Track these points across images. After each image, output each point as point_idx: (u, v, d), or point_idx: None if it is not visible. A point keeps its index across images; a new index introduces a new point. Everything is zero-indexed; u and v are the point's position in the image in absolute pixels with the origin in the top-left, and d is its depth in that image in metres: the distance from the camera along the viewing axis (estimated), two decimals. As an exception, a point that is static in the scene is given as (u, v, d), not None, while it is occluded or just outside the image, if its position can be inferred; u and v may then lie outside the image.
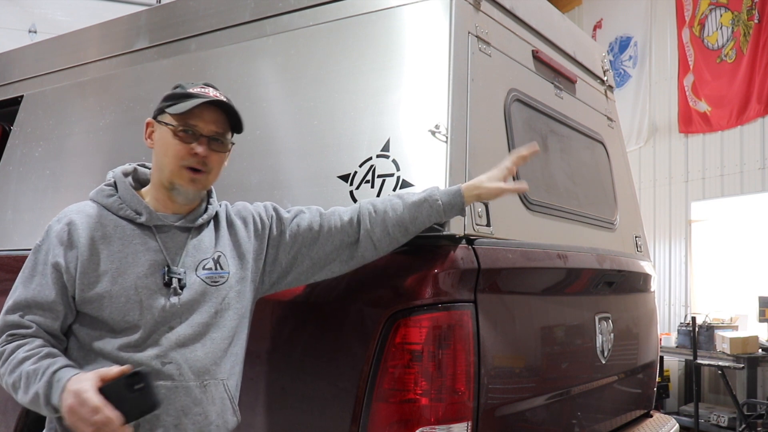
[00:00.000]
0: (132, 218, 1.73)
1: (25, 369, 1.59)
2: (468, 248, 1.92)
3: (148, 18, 2.76)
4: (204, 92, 1.74)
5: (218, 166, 1.78)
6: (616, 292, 2.85)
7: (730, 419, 6.21)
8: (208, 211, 1.82)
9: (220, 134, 1.76)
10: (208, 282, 1.73)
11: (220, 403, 1.72)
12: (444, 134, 1.95)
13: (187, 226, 1.77)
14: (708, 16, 7.47)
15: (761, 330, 6.47)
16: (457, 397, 1.85)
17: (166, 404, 1.63)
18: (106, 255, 1.68)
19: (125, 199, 1.76)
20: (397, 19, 2.15)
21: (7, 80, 3.27)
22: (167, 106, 1.74)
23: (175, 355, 1.65)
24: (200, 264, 1.75)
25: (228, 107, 1.76)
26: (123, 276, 1.67)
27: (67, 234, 1.70)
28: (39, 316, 1.67)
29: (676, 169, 7.79)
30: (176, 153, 1.71)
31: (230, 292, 1.76)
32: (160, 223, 1.74)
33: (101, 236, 1.70)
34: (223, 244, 1.81)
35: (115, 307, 1.65)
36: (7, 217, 2.91)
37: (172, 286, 1.68)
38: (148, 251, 1.71)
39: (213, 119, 1.74)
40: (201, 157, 1.71)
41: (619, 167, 3.24)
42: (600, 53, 3.31)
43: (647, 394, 3.24)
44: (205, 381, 1.69)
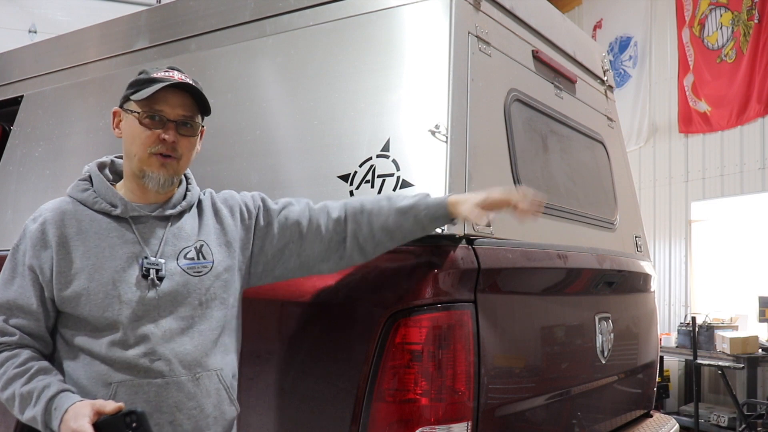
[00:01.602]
0: (107, 211, 1.70)
1: (18, 390, 1.59)
2: (468, 248, 1.92)
3: (148, 18, 2.76)
4: (168, 76, 1.70)
5: (189, 151, 1.74)
6: (616, 292, 2.85)
7: (730, 419, 6.21)
8: (187, 198, 1.79)
9: (188, 117, 1.71)
10: (190, 272, 1.69)
11: (216, 394, 1.69)
12: (444, 134, 1.95)
13: (165, 214, 1.73)
14: (708, 16, 7.46)
15: (761, 330, 6.47)
16: (457, 397, 1.85)
17: (159, 402, 1.61)
18: (82, 252, 1.65)
19: (100, 193, 1.73)
20: (397, 19, 2.15)
21: (7, 80, 3.27)
22: (132, 93, 1.71)
23: (163, 351, 1.62)
24: (181, 253, 1.71)
25: (194, 90, 1.71)
26: (100, 271, 1.64)
27: (42, 233, 1.67)
28: (22, 319, 1.65)
29: (676, 169, 7.79)
30: (144, 140, 1.68)
31: (216, 281, 1.73)
32: (135, 213, 1.70)
33: (76, 233, 1.67)
34: (207, 233, 1.77)
35: (94, 304, 1.62)
36: (7, 217, 2.91)
37: (150, 277, 1.64)
38: (125, 244, 1.67)
39: (179, 103, 1.70)
40: (169, 142, 1.68)
41: (619, 167, 3.24)
42: (600, 53, 3.31)
43: (647, 394, 3.24)
44: (197, 374, 1.66)
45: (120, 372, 1.61)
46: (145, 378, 1.61)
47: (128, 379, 1.60)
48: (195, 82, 1.74)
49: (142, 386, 1.61)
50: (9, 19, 8.36)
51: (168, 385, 1.63)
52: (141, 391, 1.60)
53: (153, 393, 1.61)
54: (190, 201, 1.80)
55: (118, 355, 1.61)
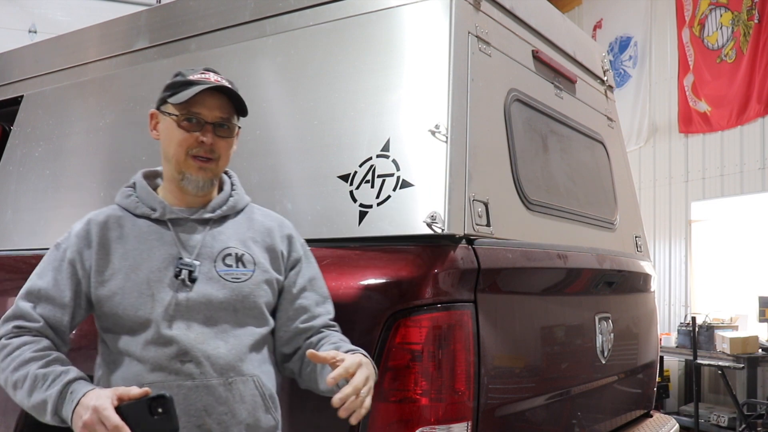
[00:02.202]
0: (147, 215, 1.73)
1: (33, 371, 1.55)
2: (468, 248, 1.92)
3: (148, 18, 2.76)
4: (205, 78, 1.71)
5: (226, 152, 1.75)
6: (616, 292, 2.85)
7: (730, 419, 6.21)
8: (229, 203, 1.79)
9: (225, 119, 1.73)
10: (227, 278, 1.69)
11: (251, 400, 1.66)
12: (444, 134, 1.95)
13: (204, 217, 1.74)
14: (708, 16, 7.46)
15: (761, 330, 6.46)
16: (457, 397, 1.85)
17: (187, 405, 1.59)
18: (122, 253, 1.69)
19: (141, 197, 1.76)
20: (397, 19, 2.15)
21: (7, 80, 3.26)
22: (169, 95, 1.72)
23: (195, 353, 1.62)
24: (219, 257, 1.71)
25: (231, 92, 1.73)
26: (136, 271, 1.66)
27: (86, 233, 1.72)
28: (48, 309, 1.67)
29: (676, 169, 7.79)
30: (182, 143, 1.70)
31: (255, 290, 1.71)
32: (174, 216, 1.73)
33: (118, 236, 1.71)
34: (252, 243, 1.76)
35: (129, 303, 1.64)
36: (7, 217, 2.91)
37: (181, 278, 1.65)
38: (163, 245, 1.69)
39: (217, 105, 1.71)
40: (207, 145, 1.69)
41: (619, 167, 3.24)
42: (600, 53, 3.31)
43: (647, 394, 3.24)
44: (230, 378, 1.63)
45: (153, 373, 1.61)
46: (176, 380, 1.61)
47: (160, 381, 1.60)
48: (231, 83, 1.75)
49: (172, 388, 1.59)
50: (9, 19, 8.36)
51: (197, 387, 1.61)
52: (171, 393, 1.57)
53: (182, 395, 1.59)
54: (234, 207, 1.80)
55: (151, 354, 1.62)
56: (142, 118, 2.59)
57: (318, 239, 2.03)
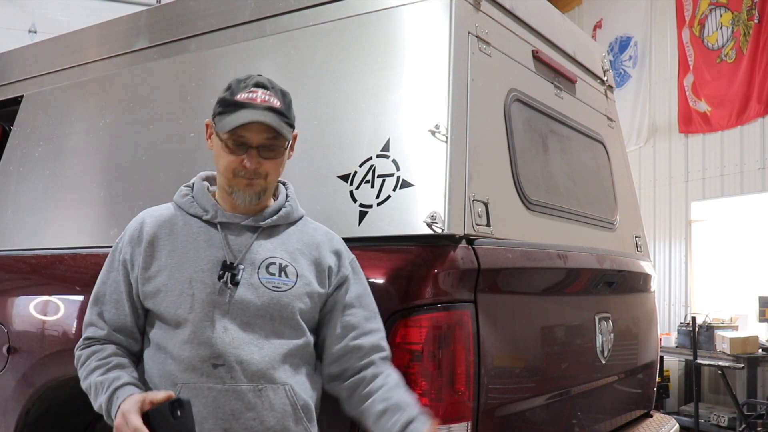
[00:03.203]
0: (200, 215, 1.76)
1: (94, 380, 1.67)
2: (468, 248, 1.92)
3: (148, 18, 2.76)
4: (252, 99, 1.68)
5: (275, 169, 1.74)
6: (616, 292, 2.85)
7: (730, 419, 6.21)
8: (281, 213, 1.79)
9: (271, 140, 1.70)
10: (268, 286, 1.69)
11: (281, 409, 1.65)
12: (444, 134, 1.95)
13: (255, 225, 1.75)
14: (708, 16, 7.46)
15: (761, 330, 6.46)
16: (457, 397, 1.85)
17: (215, 407, 1.61)
18: (169, 250, 1.71)
19: (197, 198, 1.79)
20: (397, 19, 2.15)
21: (7, 80, 3.26)
22: (218, 112, 1.71)
23: (228, 357, 1.63)
24: (263, 264, 1.71)
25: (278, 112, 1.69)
26: (181, 270, 1.69)
27: (138, 231, 1.76)
28: (112, 313, 1.74)
29: (676, 169, 7.79)
30: (228, 165, 1.71)
31: (294, 302, 1.70)
32: (225, 220, 1.75)
33: (168, 233, 1.74)
34: (299, 255, 1.76)
35: (170, 300, 1.67)
36: (7, 217, 2.91)
37: (223, 280, 1.66)
38: (210, 247, 1.71)
39: (264, 128, 1.68)
40: (251, 169, 1.69)
41: (619, 167, 3.24)
42: (600, 53, 3.31)
43: (647, 394, 3.24)
44: (260, 385, 1.64)
45: (185, 373, 1.64)
46: (207, 382, 1.62)
47: (191, 381, 1.63)
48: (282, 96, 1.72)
49: (203, 390, 1.62)
50: (9, 19, 8.36)
51: (227, 392, 1.62)
52: (201, 395, 1.62)
53: (211, 398, 1.62)
54: (285, 217, 1.80)
55: (185, 354, 1.64)
56: (142, 118, 2.60)
57: (318, 239, 2.02)
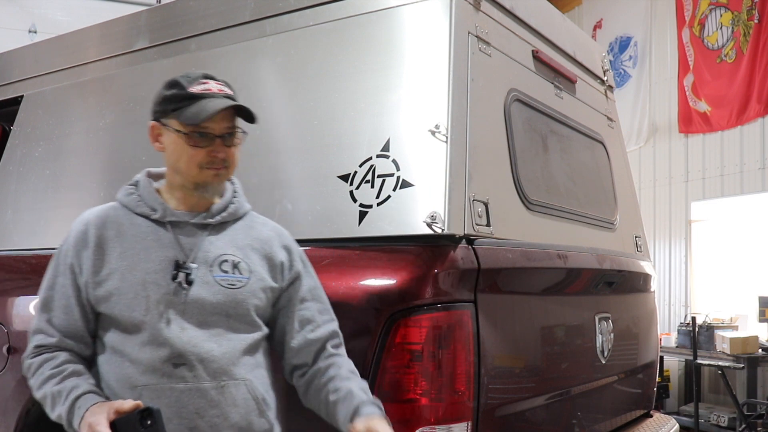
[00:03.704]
0: (147, 214, 1.73)
1: (50, 389, 1.63)
2: (468, 248, 1.92)
3: (148, 18, 2.76)
4: (207, 90, 1.68)
5: (236, 158, 1.75)
6: (616, 292, 2.85)
7: (730, 419, 6.21)
8: (230, 208, 1.79)
9: (231, 128, 1.72)
10: (222, 283, 1.69)
11: (244, 404, 1.66)
12: (444, 134, 1.95)
13: (204, 222, 1.74)
14: (708, 16, 7.46)
15: (761, 330, 6.46)
16: (457, 397, 1.85)
17: (179, 407, 1.60)
18: (119, 253, 1.68)
19: (143, 197, 1.76)
20: (397, 19, 2.15)
21: (7, 80, 3.26)
22: (172, 109, 1.69)
23: (188, 356, 1.62)
24: (215, 261, 1.71)
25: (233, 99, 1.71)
26: (133, 272, 1.66)
27: (83, 234, 1.71)
28: (61, 319, 1.69)
29: (676, 169, 7.79)
30: (195, 159, 1.68)
31: (249, 298, 1.71)
32: (174, 219, 1.72)
33: (115, 234, 1.70)
34: (251, 251, 1.76)
35: (124, 304, 1.64)
36: (7, 217, 2.91)
37: (178, 280, 1.65)
38: (161, 247, 1.69)
39: (223, 116, 1.69)
40: (220, 159, 1.69)
41: (619, 167, 3.24)
42: (600, 53, 3.31)
43: (647, 394, 3.24)
44: (222, 382, 1.64)
45: (145, 375, 1.62)
46: (168, 383, 1.61)
47: (152, 383, 1.61)
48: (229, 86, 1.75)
49: (164, 391, 1.60)
50: (9, 19, 8.36)
51: (190, 390, 1.62)
52: (163, 396, 1.60)
53: (174, 398, 1.60)
54: (233, 213, 1.79)
55: (144, 357, 1.62)
56: (142, 118, 2.59)
57: (318, 239, 2.03)
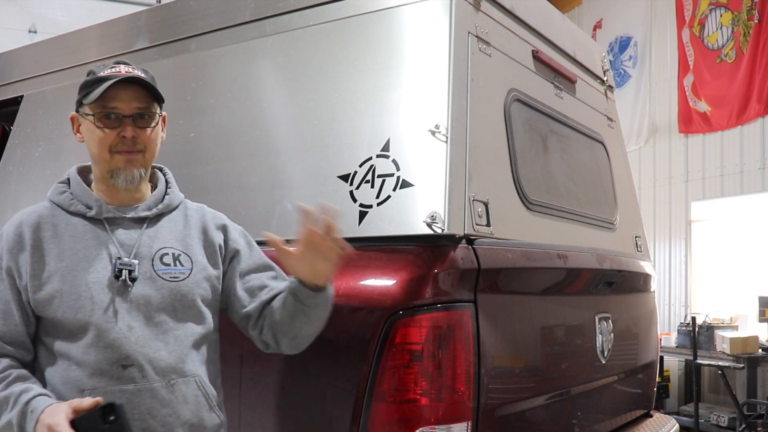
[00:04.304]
0: (83, 213, 1.69)
1: None
2: (468, 248, 1.92)
3: (148, 18, 2.76)
4: (115, 72, 1.67)
5: (152, 142, 1.72)
6: (616, 292, 2.85)
7: (730, 419, 6.21)
8: (164, 201, 1.77)
9: (143, 109, 1.69)
10: (165, 277, 1.67)
11: (194, 401, 1.66)
12: (444, 134, 1.95)
13: (140, 216, 1.72)
14: (708, 16, 7.46)
15: (761, 330, 6.46)
16: (457, 397, 1.85)
17: (131, 409, 1.57)
18: (57, 254, 1.64)
19: (76, 194, 1.72)
20: (397, 19, 2.15)
21: (7, 80, 3.27)
22: (83, 96, 1.69)
23: (136, 356, 1.60)
24: (156, 255, 1.69)
25: (142, 81, 1.68)
26: (73, 273, 1.62)
27: (18, 237, 1.66)
28: (1, 325, 1.63)
29: (676, 169, 7.79)
30: (104, 141, 1.67)
31: (194, 289, 1.70)
32: (110, 215, 1.69)
33: (51, 235, 1.66)
34: (190, 241, 1.75)
35: (67, 306, 1.60)
36: (7, 217, 2.90)
37: (122, 278, 1.62)
38: (99, 245, 1.66)
39: (132, 96, 1.67)
40: (129, 138, 1.66)
41: (619, 167, 3.24)
42: (600, 53, 3.31)
43: (647, 394, 3.24)
44: (172, 380, 1.63)
45: (92, 378, 1.59)
46: (117, 384, 1.59)
47: (101, 386, 1.58)
48: (144, 72, 1.72)
49: (114, 393, 1.57)
50: (9, 19, 8.36)
51: (140, 391, 1.60)
52: (113, 398, 1.56)
53: (125, 400, 1.57)
54: (169, 204, 1.78)
55: (91, 359, 1.59)
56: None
57: (318, 239, 2.02)
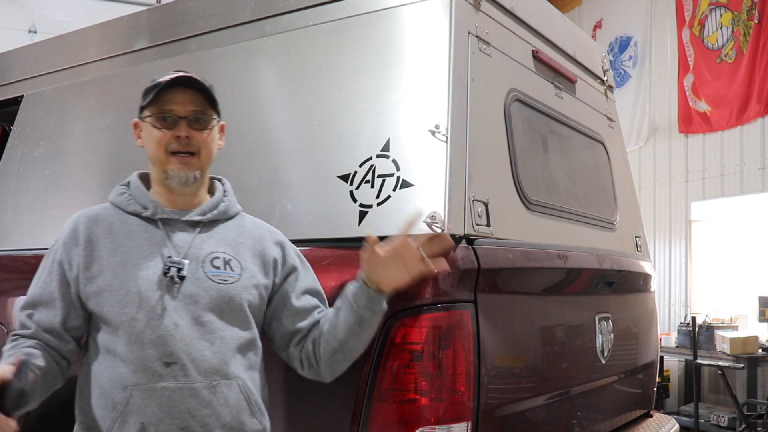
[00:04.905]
0: (139, 212, 1.75)
1: None
2: (468, 248, 1.92)
3: (148, 18, 2.76)
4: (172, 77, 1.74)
5: (206, 146, 1.77)
6: (616, 292, 2.85)
7: (730, 419, 6.21)
8: (220, 207, 1.81)
9: (198, 112, 1.75)
10: (215, 279, 1.69)
11: (236, 404, 1.66)
12: (444, 134, 1.95)
13: (194, 220, 1.76)
14: (708, 16, 7.46)
15: (761, 330, 6.46)
16: (457, 397, 1.85)
17: (170, 407, 1.60)
18: (110, 249, 1.69)
19: (134, 195, 1.78)
20: (397, 19, 2.15)
21: (7, 80, 3.26)
22: (143, 100, 1.76)
23: (180, 355, 1.62)
24: (207, 259, 1.72)
25: (199, 84, 1.74)
26: (124, 269, 1.67)
27: (74, 233, 1.73)
28: (42, 314, 1.71)
29: (676, 169, 7.79)
30: (159, 141, 1.72)
31: (241, 294, 1.71)
32: (165, 216, 1.74)
33: (106, 232, 1.72)
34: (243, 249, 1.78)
35: (115, 300, 1.64)
36: (7, 217, 2.91)
37: (169, 275, 1.65)
38: (152, 244, 1.71)
39: (188, 99, 1.73)
40: (184, 138, 1.72)
41: (619, 167, 3.24)
42: (600, 53, 3.31)
43: (647, 394, 3.24)
44: (214, 381, 1.64)
45: (135, 374, 1.61)
46: (159, 382, 1.60)
47: (143, 383, 1.60)
48: (203, 80, 1.77)
49: (156, 391, 1.60)
50: (9, 19, 8.36)
51: (181, 390, 1.61)
52: (155, 395, 1.60)
53: (166, 398, 1.60)
54: (224, 212, 1.81)
55: (135, 355, 1.62)
56: (142, 118, 2.60)
57: (318, 239, 2.03)
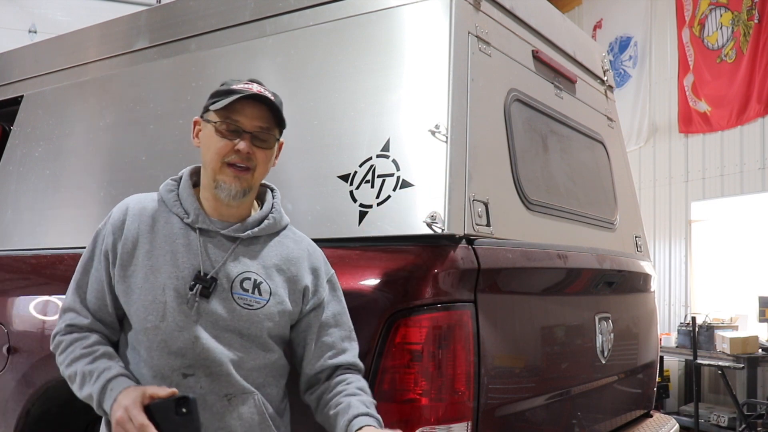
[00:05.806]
0: (181, 216, 1.71)
1: (81, 368, 1.64)
2: (468, 248, 1.92)
3: (148, 18, 2.76)
4: (247, 87, 1.69)
5: (264, 164, 1.72)
6: (616, 292, 2.85)
7: (730, 419, 6.21)
8: (263, 224, 1.75)
9: (264, 129, 1.70)
10: (239, 303, 1.66)
11: (249, 418, 1.65)
12: (444, 134, 1.95)
13: (234, 235, 1.71)
14: (708, 16, 7.46)
15: (761, 330, 6.46)
16: (457, 397, 1.85)
17: None
18: (147, 250, 1.67)
19: (181, 196, 1.74)
20: (397, 19, 2.15)
21: (7, 80, 3.26)
22: (211, 103, 1.71)
23: (197, 368, 1.62)
24: (237, 279, 1.67)
25: (272, 103, 1.70)
26: (156, 274, 1.65)
27: (121, 222, 1.72)
28: (93, 302, 1.71)
29: (676, 169, 7.79)
30: (218, 149, 1.67)
31: (264, 321, 1.68)
32: (205, 227, 1.70)
33: (148, 230, 1.70)
34: (273, 271, 1.73)
35: (142, 304, 1.64)
36: (7, 217, 2.91)
37: (194, 291, 1.63)
38: (187, 253, 1.67)
39: (257, 115, 1.69)
40: (244, 153, 1.66)
41: (619, 167, 3.24)
42: (600, 53, 3.31)
43: (647, 394, 3.24)
44: (229, 395, 1.63)
45: (155, 379, 1.62)
46: None
47: None
48: (274, 95, 1.73)
49: None
50: (9, 19, 8.36)
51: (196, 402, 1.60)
52: None
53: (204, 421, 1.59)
54: (267, 228, 1.76)
55: (155, 362, 1.63)
56: (142, 117, 2.60)
57: (318, 239, 2.03)
